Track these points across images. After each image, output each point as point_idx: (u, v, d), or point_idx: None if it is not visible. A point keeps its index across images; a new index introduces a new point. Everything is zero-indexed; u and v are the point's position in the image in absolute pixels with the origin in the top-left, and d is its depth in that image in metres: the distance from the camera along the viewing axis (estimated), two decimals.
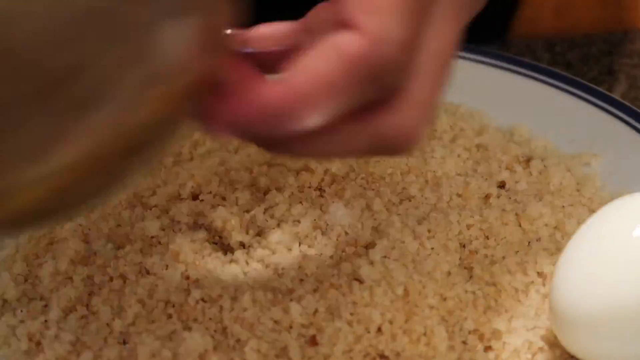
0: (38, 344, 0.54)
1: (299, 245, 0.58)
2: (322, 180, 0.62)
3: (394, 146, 0.42)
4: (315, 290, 0.55)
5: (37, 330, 0.55)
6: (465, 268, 0.57)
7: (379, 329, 0.53)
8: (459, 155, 0.65)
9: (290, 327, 0.54)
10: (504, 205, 0.61)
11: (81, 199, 0.38)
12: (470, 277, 0.57)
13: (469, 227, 0.59)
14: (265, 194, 0.62)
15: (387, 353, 0.52)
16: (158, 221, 0.60)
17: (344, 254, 0.58)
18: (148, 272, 0.57)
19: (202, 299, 0.55)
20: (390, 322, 0.53)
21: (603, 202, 0.62)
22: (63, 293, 0.56)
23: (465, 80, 0.73)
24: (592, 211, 0.61)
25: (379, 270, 0.55)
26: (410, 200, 0.61)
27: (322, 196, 0.61)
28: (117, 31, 0.34)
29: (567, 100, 0.70)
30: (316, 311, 0.54)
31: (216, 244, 0.59)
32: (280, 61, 0.40)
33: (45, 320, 0.55)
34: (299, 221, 0.59)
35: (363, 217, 0.59)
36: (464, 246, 0.58)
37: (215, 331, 0.54)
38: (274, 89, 0.37)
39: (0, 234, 0.49)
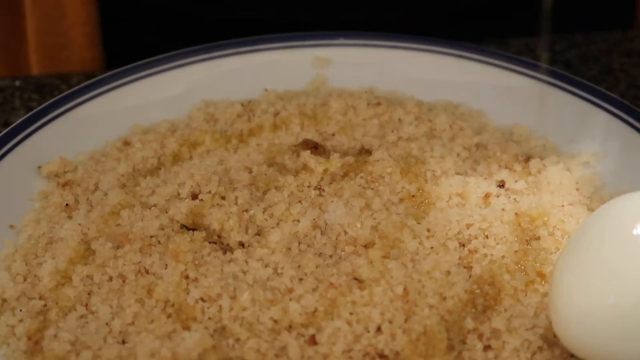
0: (37, 343, 0.54)
1: (298, 244, 0.58)
2: (321, 179, 0.62)
3: None
4: (314, 290, 0.55)
5: (36, 329, 0.55)
6: (464, 267, 0.57)
7: (379, 329, 0.53)
8: (458, 154, 0.65)
9: (290, 326, 0.54)
10: (503, 205, 0.61)
11: None
12: (470, 276, 0.56)
13: (468, 226, 0.59)
14: (264, 193, 0.62)
15: (386, 352, 0.52)
16: (157, 221, 0.60)
17: (343, 253, 0.58)
18: (147, 272, 0.57)
19: (201, 299, 0.55)
20: (390, 322, 0.53)
21: (603, 202, 0.62)
22: (62, 292, 0.56)
23: (465, 79, 0.73)
24: (591, 210, 0.61)
25: (378, 270, 0.55)
26: (409, 200, 0.61)
27: (321, 195, 0.61)
28: None
29: (567, 99, 0.70)
30: (315, 310, 0.54)
31: (215, 243, 0.59)
32: None
33: (45, 320, 0.55)
34: (298, 220, 0.59)
35: (362, 217, 0.59)
36: (463, 245, 0.58)
37: (214, 330, 0.54)
38: None
39: None
